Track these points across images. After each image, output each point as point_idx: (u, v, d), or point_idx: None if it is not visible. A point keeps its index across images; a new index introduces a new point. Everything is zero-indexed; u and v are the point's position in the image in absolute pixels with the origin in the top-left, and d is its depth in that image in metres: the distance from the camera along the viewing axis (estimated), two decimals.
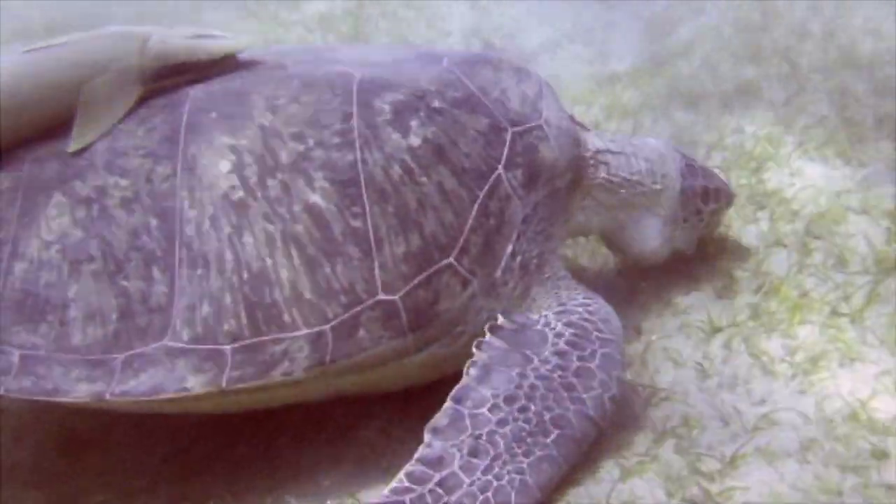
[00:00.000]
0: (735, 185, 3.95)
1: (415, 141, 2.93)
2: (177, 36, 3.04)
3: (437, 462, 2.55)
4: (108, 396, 2.68)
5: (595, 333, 2.86)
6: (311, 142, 2.88)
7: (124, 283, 2.76)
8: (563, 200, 3.26)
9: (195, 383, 2.70)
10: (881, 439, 2.58)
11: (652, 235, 3.52)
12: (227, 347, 2.73)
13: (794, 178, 4.04)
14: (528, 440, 2.59)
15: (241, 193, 2.82)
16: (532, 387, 2.70)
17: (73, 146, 2.89)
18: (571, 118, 3.42)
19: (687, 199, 3.52)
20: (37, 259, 2.78)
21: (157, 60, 2.98)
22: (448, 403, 2.67)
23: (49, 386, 2.70)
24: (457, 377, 2.73)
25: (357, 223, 2.82)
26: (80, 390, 2.69)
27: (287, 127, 2.89)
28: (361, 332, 2.78)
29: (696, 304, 3.44)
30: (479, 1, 7.49)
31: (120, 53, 2.95)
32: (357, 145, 2.88)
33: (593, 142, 3.43)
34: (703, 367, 3.08)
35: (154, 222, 2.81)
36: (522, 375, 2.73)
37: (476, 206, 2.93)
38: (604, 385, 2.72)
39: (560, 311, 2.97)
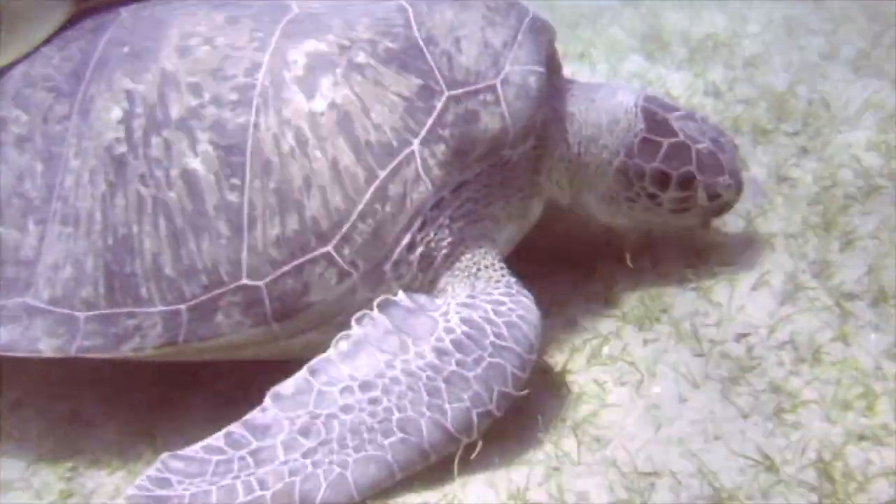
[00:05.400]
0: None
1: (319, 105, 2.57)
2: None
3: (262, 429, 2.35)
4: None
5: (491, 338, 2.49)
6: (206, 96, 2.60)
7: (1, 229, 2.65)
8: (515, 174, 2.87)
9: (46, 346, 2.59)
10: None
11: (595, 210, 3.11)
12: (82, 315, 2.61)
13: None
14: (366, 435, 2.33)
15: (123, 148, 2.61)
16: (394, 379, 2.41)
17: None
18: (555, 70, 3.01)
19: (628, 180, 2.97)
20: None
21: None
22: (301, 372, 2.44)
23: None
24: None
25: (232, 197, 2.55)
26: None
27: (188, 75, 2.62)
28: (220, 317, 2.56)
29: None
30: None
31: None
32: (254, 105, 2.58)
33: (561, 96, 3.00)
34: None
35: (39, 168, 2.66)
36: (389, 364, 2.44)
37: (371, 189, 2.56)
38: (476, 399, 2.39)
39: (465, 303, 2.60)
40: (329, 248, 2.56)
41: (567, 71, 3.29)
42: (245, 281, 2.56)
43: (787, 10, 5.22)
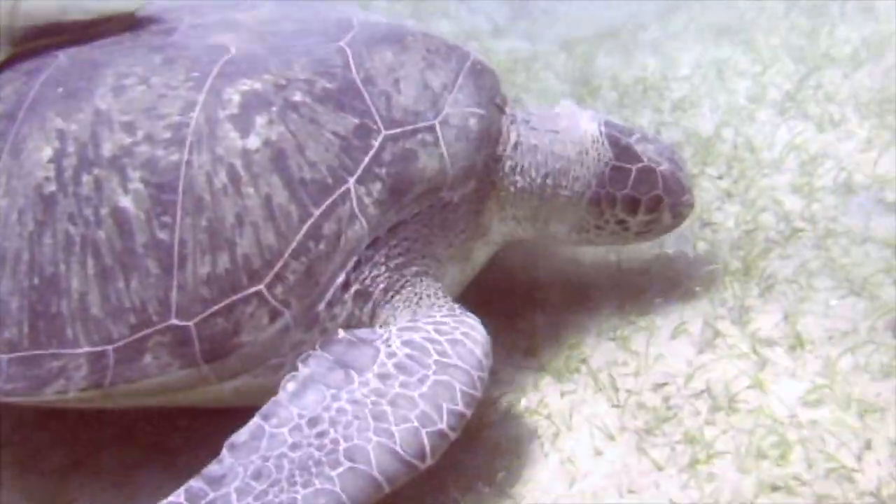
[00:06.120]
0: None
1: (253, 143, 2.54)
2: None
3: (218, 479, 2.28)
4: None
5: (435, 357, 2.45)
6: (139, 134, 2.56)
7: None
8: (456, 216, 2.85)
9: None
10: None
11: (561, 239, 3.13)
12: (4, 357, 2.54)
13: None
14: (313, 469, 2.26)
15: (53, 187, 2.56)
16: (340, 410, 2.36)
17: None
18: (500, 108, 2.97)
19: (600, 210, 2.98)
20: None
21: (26, 19, 2.75)
22: (254, 419, 2.39)
23: None
24: None
25: (163, 235, 2.50)
26: None
27: (122, 114, 2.59)
28: (147, 358, 2.49)
29: None
30: None
31: None
32: (188, 143, 2.54)
33: (515, 133, 2.99)
34: None
35: None
36: (335, 397, 2.39)
37: (305, 227, 2.53)
38: (423, 418, 2.33)
39: (406, 327, 2.57)
40: (261, 286, 2.51)
41: None
42: (174, 321, 2.49)
43: (718, 53, 5.26)
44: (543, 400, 2.84)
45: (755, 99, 4.57)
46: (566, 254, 3.55)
